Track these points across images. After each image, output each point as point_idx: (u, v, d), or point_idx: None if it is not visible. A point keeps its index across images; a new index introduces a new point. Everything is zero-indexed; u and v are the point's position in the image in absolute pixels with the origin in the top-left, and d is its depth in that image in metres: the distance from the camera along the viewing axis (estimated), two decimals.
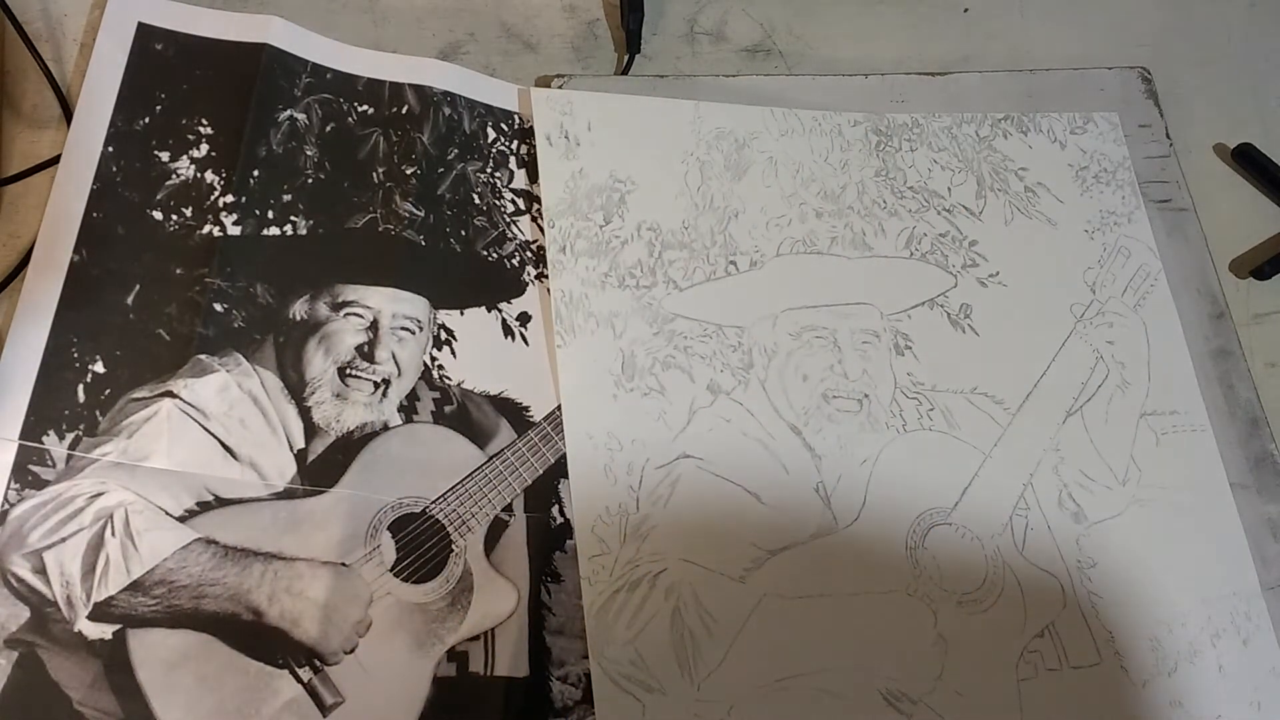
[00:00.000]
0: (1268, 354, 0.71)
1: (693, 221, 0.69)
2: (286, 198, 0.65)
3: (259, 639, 0.55)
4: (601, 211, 0.68)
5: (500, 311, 0.65)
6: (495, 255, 0.66)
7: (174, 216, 0.63)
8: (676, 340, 0.65)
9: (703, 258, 0.68)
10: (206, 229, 0.63)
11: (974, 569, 0.62)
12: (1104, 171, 0.74)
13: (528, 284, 0.66)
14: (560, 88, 0.72)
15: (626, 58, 0.75)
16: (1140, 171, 0.75)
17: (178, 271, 0.62)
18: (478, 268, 0.66)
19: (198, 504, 0.57)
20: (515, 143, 0.70)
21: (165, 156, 0.64)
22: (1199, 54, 0.81)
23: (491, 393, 0.63)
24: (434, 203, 0.67)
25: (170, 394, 0.59)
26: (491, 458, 0.61)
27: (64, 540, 0.55)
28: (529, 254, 0.67)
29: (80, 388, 0.58)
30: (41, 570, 0.54)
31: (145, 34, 0.67)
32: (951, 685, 0.59)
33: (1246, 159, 0.77)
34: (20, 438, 0.56)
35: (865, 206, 0.71)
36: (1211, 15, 0.83)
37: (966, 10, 0.81)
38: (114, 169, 0.63)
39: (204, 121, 0.66)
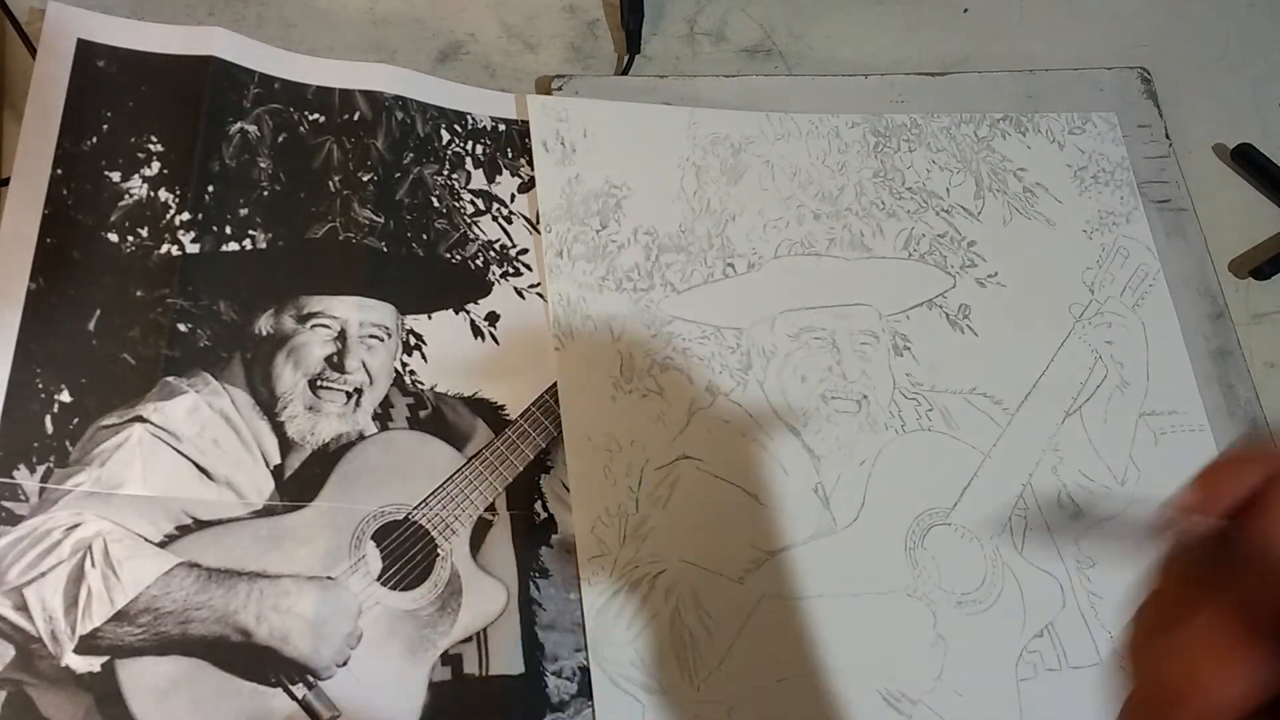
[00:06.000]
0: (1267, 354, 0.71)
1: (689, 225, 0.69)
2: (243, 212, 0.64)
3: (250, 659, 0.54)
4: (598, 216, 0.68)
5: (468, 313, 0.65)
6: (458, 257, 0.66)
7: (130, 238, 0.62)
8: (675, 342, 0.65)
9: (700, 260, 0.68)
10: (164, 248, 0.62)
11: (973, 569, 0.62)
12: (1102, 172, 0.74)
13: (493, 284, 0.66)
14: (560, 88, 0.72)
15: (626, 58, 0.75)
16: (1139, 172, 0.75)
17: (138, 294, 0.61)
18: (442, 271, 0.66)
19: (177, 528, 0.56)
20: (470, 143, 0.69)
21: (116, 176, 0.63)
22: (1198, 54, 0.81)
23: (465, 394, 0.63)
24: (393, 208, 0.66)
25: (140, 419, 0.58)
26: (471, 459, 0.61)
27: (44, 575, 0.54)
28: (492, 254, 0.67)
29: (48, 419, 0.57)
30: (23, 607, 0.53)
31: (86, 50, 0.66)
32: (951, 685, 0.59)
33: (1246, 159, 0.77)
34: None
35: (863, 208, 0.71)
36: (1211, 15, 0.83)
37: (966, 10, 0.82)
38: (64, 192, 0.62)
39: (153, 139, 0.65)
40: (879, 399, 0.66)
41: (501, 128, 0.71)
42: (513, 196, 0.69)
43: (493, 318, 0.65)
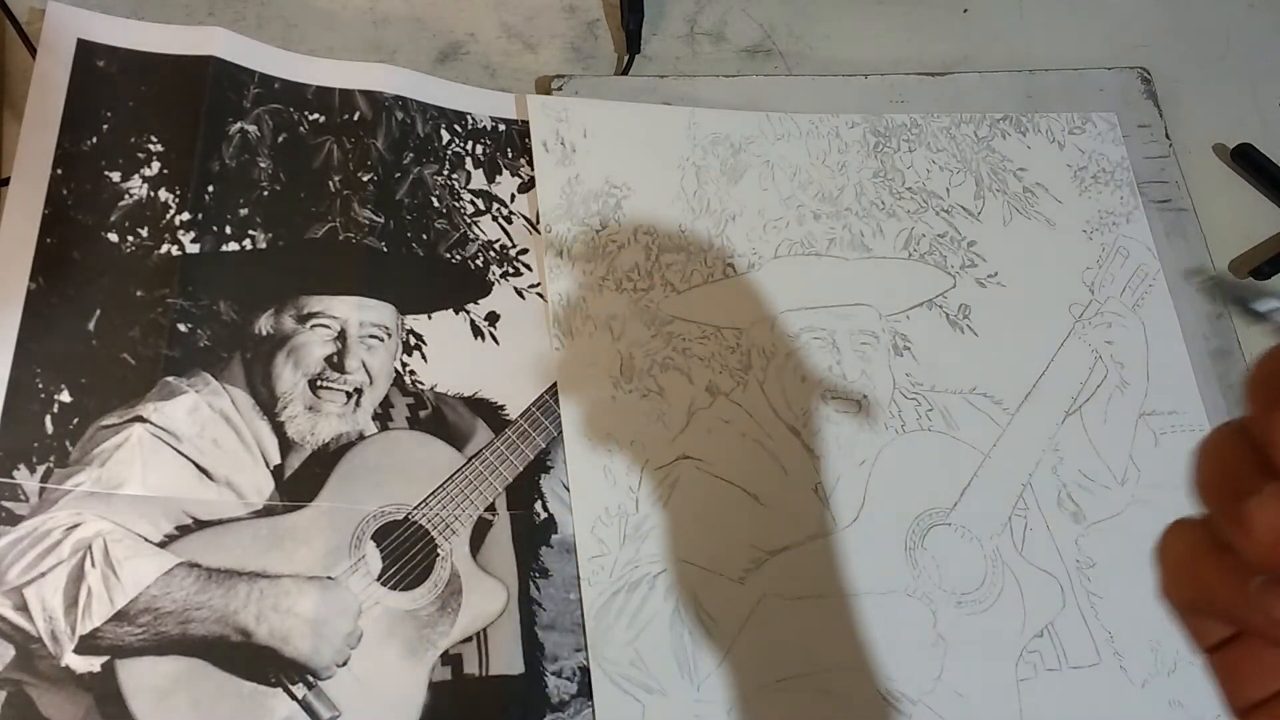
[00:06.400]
0: None
1: (690, 225, 0.69)
2: (243, 212, 0.64)
3: (250, 659, 0.54)
4: (598, 216, 0.68)
5: (468, 313, 0.65)
6: (458, 257, 0.66)
7: (130, 238, 0.62)
8: (675, 342, 0.65)
9: (700, 260, 0.68)
10: (164, 248, 0.62)
11: (973, 569, 0.62)
12: (1102, 172, 0.74)
13: (493, 284, 0.66)
14: (560, 88, 0.72)
15: (626, 58, 0.75)
16: (1139, 172, 0.75)
17: (138, 294, 0.61)
18: (442, 271, 0.66)
19: (177, 528, 0.56)
20: (470, 143, 0.69)
21: (116, 176, 0.63)
22: (1198, 54, 0.81)
23: (465, 394, 0.63)
24: (393, 208, 0.66)
25: (140, 419, 0.58)
26: (471, 459, 0.61)
27: (44, 575, 0.54)
28: (492, 254, 0.67)
29: (48, 419, 0.57)
30: (23, 607, 0.53)
31: (86, 51, 0.66)
32: (951, 685, 0.59)
33: (1246, 159, 0.77)
34: None
35: (863, 208, 0.71)
36: (1211, 16, 0.83)
37: (966, 11, 0.82)
38: (64, 192, 0.62)
39: (153, 139, 0.64)
40: (879, 399, 0.66)
41: (501, 128, 0.71)
42: (513, 196, 0.69)
43: (493, 318, 0.65)
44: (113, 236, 0.62)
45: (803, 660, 0.59)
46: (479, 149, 0.70)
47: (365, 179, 0.66)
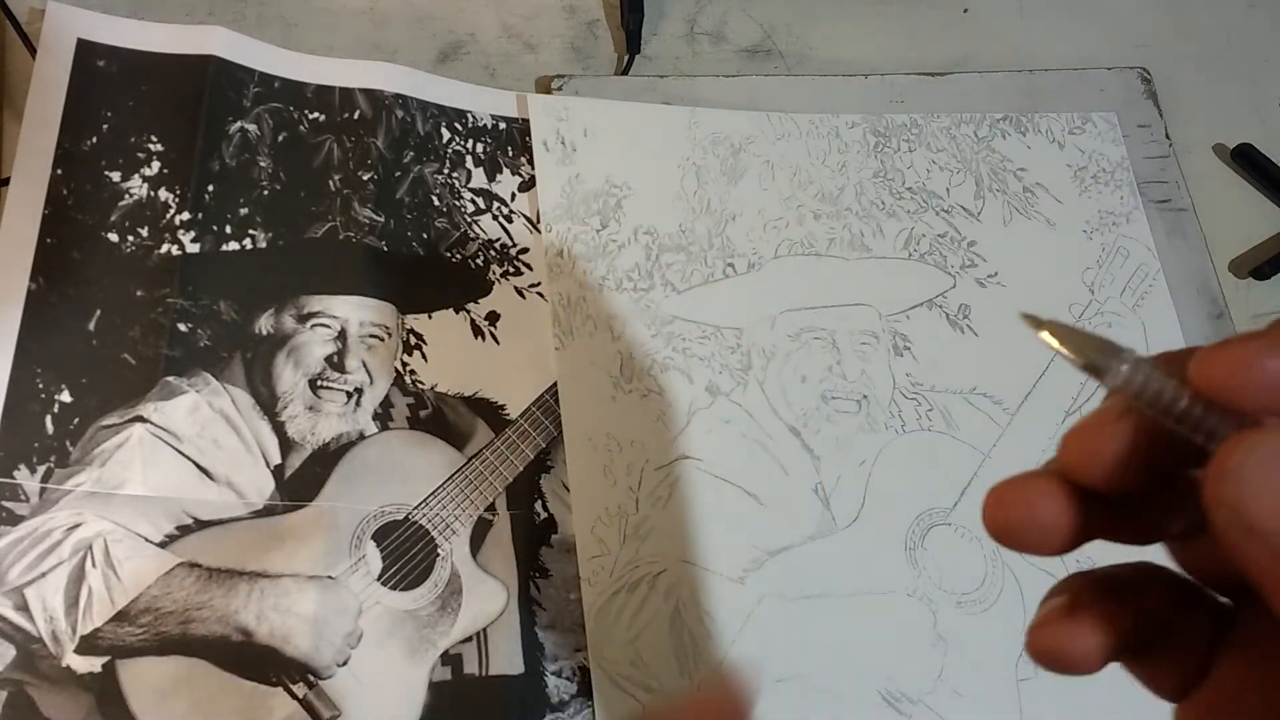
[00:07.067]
0: None
1: (690, 225, 0.69)
2: (243, 211, 0.64)
3: (250, 659, 0.54)
4: (598, 216, 0.68)
5: (468, 312, 0.65)
6: (459, 256, 0.66)
7: (130, 237, 0.62)
8: (675, 342, 0.65)
9: (700, 260, 0.68)
10: (164, 248, 0.62)
11: (973, 569, 0.62)
12: (1102, 172, 0.74)
13: (493, 283, 0.66)
14: (560, 88, 0.72)
15: (626, 58, 0.75)
16: (1139, 172, 0.75)
17: (138, 294, 0.61)
18: (442, 270, 0.66)
19: (177, 528, 0.56)
20: (470, 142, 0.69)
21: (116, 176, 0.63)
22: (1198, 54, 0.81)
23: (465, 394, 0.63)
24: (393, 207, 0.66)
25: (140, 419, 0.58)
26: (471, 459, 0.61)
27: (44, 575, 0.54)
28: (492, 253, 0.67)
29: (48, 419, 0.57)
30: (24, 607, 0.53)
31: (86, 51, 0.66)
32: (951, 685, 0.59)
33: (1246, 159, 0.77)
34: None
35: (863, 208, 0.71)
36: (1211, 16, 0.83)
37: (966, 11, 0.82)
38: (64, 192, 0.62)
39: (153, 138, 0.64)
40: (879, 399, 0.66)
41: (502, 126, 0.71)
42: (513, 195, 0.69)
43: (493, 317, 0.65)
44: (113, 236, 0.62)
45: (802, 660, 0.59)
46: (479, 147, 0.69)
47: (365, 178, 0.66)
